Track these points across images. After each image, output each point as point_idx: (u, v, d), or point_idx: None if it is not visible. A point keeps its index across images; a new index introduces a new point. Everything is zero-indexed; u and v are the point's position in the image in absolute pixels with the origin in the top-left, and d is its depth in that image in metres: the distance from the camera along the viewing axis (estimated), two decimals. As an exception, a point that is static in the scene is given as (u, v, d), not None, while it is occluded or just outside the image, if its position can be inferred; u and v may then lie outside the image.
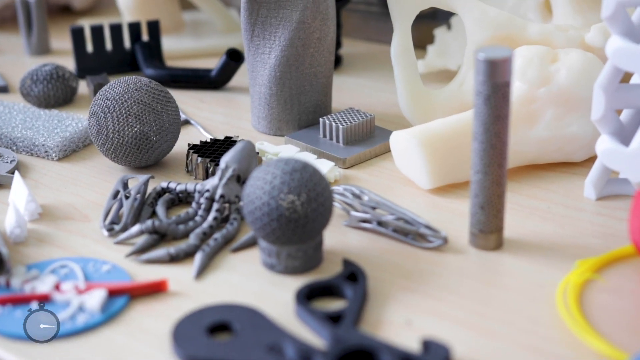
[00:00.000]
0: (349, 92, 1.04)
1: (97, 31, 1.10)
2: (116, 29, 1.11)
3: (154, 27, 1.12)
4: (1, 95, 1.07)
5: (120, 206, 0.76)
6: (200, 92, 1.07)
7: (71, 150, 0.90)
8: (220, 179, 0.75)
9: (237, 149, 0.76)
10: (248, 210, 0.66)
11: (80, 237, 0.74)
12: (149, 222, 0.72)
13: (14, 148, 0.90)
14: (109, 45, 1.13)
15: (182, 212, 0.77)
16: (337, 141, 0.88)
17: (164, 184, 0.78)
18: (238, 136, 0.88)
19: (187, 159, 0.85)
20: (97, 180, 0.84)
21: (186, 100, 1.04)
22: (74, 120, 0.93)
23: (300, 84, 0.90)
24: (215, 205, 0.74)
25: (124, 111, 0.81)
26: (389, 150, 0.88)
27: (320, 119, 0.89)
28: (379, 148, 0.88)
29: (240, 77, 1.09)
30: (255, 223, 0.65)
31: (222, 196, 0.74)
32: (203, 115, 1.00)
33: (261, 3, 0.88)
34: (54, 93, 1.01)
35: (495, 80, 0.64)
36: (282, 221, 0.64)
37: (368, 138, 0.89)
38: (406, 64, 0.87)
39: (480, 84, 0.65)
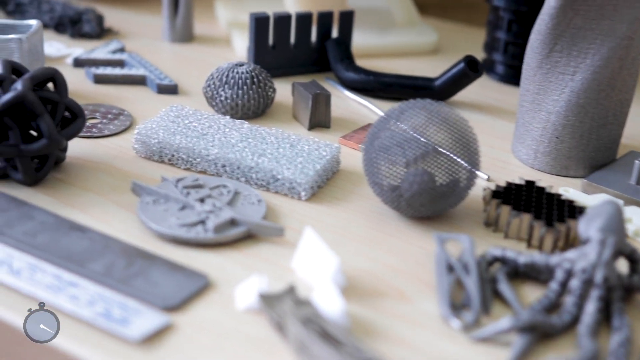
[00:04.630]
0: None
1: (282, 21, 0.90)
2: (304, 20, 0.91)
3: (347, 20, 0.92)
4: (172, 98, 0.86)
5: (448, 281, 0.57)
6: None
7: (317, 187, 0.70)
8: (600, 255, 0.56)
9: (607, 213, 0.58)
10: None
11: (415, 326, 0.55)
12: (524, 316, 0.53)
13: (243, 179, 0.70)
14: (292, 38, 0.92)
15: (537, 294, 0.58)
16: (662, 191, 0.70)
17: (497, 252, 0.60)
18: (540, 180, 0.70)
19: (489, 208, 0.66)
20: (381, 235, 0.64)
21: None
22: (312, 145, 0.72)
23: (605, 114, 0.72)
24: (597, 292, 0.55)
25: (431, 148, 0.62)
26: None
27: (637, 162, 0.71)
28: None
29: (466, 91, 0.90)
30: None
31: (605, 279, 0.56)
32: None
33: (578, 11, 0.69)
34: (254, 102, 0.81)
35: None
36: None
37: (694, 188, 0.71)
38: None
39: None
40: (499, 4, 0.92)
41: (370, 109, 0.85)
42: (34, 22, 0.82)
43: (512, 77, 0.94)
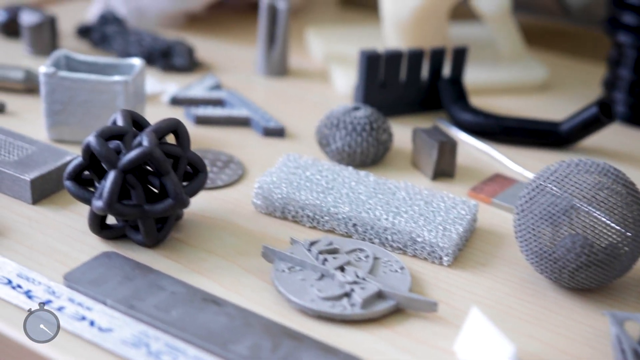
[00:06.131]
0: None
1: (393, 59, 0.84)
2: (416, 57, 0.85)
3: (460, 57, 0.86)
4: (279, 142, 0.81)
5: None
6: (532, 150, 0.81)
7: (458, 250, 0.64)
8: None
9: None
10: None
11: None
12: None
13: (376, 241, 0.64)
14: (403, 76, 0.86)
15: None
16: None
17: (683, 336, 0.54)
18: None
19: (656, 280, 0.60)
20: (540, 309, 0.58)
21: (524, 162, 0.78)
22: (448, 202, 0.66)
23: None
24: None
25: (601, 214, 0.56)
26: None
27: None
28: None
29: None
30: None
31: None
32: (568, 189, 0.74)
33: None
34: (373, 149, 0.75)
35: None
36: None
37: None
38: None
39: None
40: (625, 40, 0.85)
41: (494, 157, 0.79)
42: (137, 62, 0.77)
43: (636, 118, 0.88)
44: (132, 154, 0.58)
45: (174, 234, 0.64)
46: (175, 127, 0.63)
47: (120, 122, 0.62)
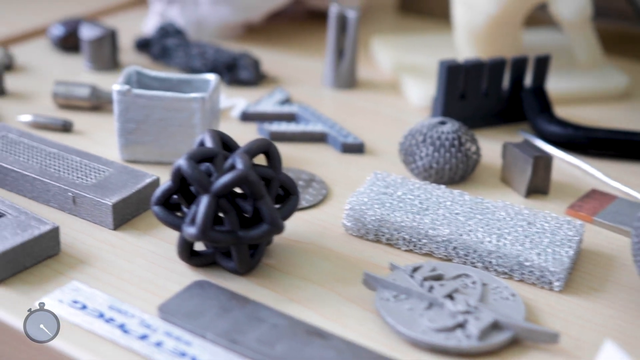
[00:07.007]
0: None
1: (474, 69, 0.80)
2: (497, 67, 0.81)
3: (543, 66, 0.82)
4: (357, 158, 0.77)
5: None
6: (622, 163, 0.77)
7: (568, 274, 0.60)
8: None
9: None
10: None
11: None
12: None
13: (479, 265, 0.60)
14: (483, 87, 0.82)
15: None
16: None
17: None
18: None
19: None
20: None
21: (618, 176, 0.74)
22: (552, 222, 0.62)
23: None
24: None
25: None
26: None
27: None
28: None
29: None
30: None
31: None
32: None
33: None
34: (463, 165, 0.71)
35: None
36: None
37: None
38: None
39: None
40: None
41: (586, 171, 0.75)
42: (211, 77, 0.74)
43: None
44: (227, 177, 0.55)
45: (265, 260, 0.61)
46: (267, 148, 0.59)
47: (209, 144, 0.59)
